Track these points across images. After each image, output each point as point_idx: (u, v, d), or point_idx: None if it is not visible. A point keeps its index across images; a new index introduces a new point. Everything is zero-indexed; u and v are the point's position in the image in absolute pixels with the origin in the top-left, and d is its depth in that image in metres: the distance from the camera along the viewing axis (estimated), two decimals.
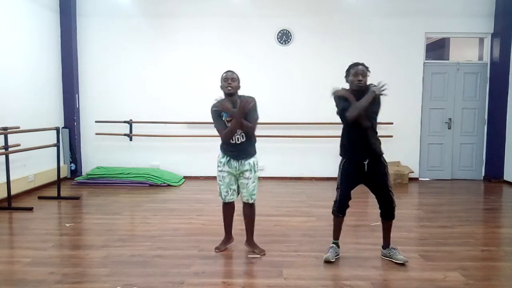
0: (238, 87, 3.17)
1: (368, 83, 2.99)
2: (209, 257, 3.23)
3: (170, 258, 3.20)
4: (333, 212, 3.22)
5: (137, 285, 2.71)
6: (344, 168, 3.15)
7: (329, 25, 6.59)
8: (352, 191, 3.17)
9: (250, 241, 3.39)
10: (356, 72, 2.93)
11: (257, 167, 3.30)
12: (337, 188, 3.20)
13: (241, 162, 3.21)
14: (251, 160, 3.24)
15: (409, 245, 3.52)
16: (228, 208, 3.39)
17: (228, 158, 3.23)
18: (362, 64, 2.97)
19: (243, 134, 3.17)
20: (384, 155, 3.12)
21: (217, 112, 3.17)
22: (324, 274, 2.94)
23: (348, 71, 3.01)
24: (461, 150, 6.86)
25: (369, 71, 2.98)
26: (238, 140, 3.18)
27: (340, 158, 3.21)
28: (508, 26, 6.42)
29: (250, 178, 3.24)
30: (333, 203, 3.21)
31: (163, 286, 2.70)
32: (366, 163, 3.04)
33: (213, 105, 3.18)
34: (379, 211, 3.16)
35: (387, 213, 3.13)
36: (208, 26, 6.61)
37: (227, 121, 3.16)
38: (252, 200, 3.30)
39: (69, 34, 6.44)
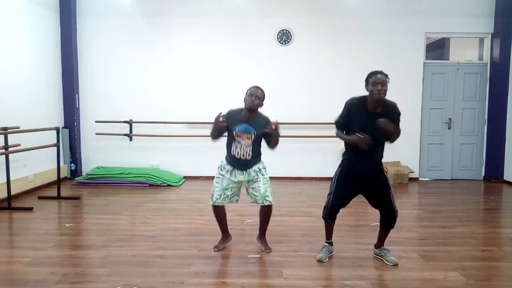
0: (261, 105, 3.22)
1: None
2: (209, 257, 3.23)
3: (170, 258, 3.20)
4: (323, 217, 3.19)
5: (137, 285, 2.71)
6: (341, 177, 3.08)
7: (329, 25, 6.59)
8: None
9: (260, 237, 3.42)
10: (375, 81, 2.81)
11: (264, 171, 3.29)
12: (330, 194, 3.13)
13: (246, 171, 3.23)
14: (256, 167, 3.25)
15: (409, 245, 3.53)
16: (218, 211, 3.36)
17: (232, 168, 3.24)
18: (381, 72, 2.85)
19: (250, 152, 3.18)
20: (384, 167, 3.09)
21: (228, 120, 3.18)
22: (324, 274, 2.94)
23: (367, 79, 2.90)
24: (461, 150, 6.86)
25: (389, 79, 2.85)
26: (243, 157, 3.19)
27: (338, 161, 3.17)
28: (508, 26, 6.43)
29: (260, 181, 3.23)
30: (323, 208, 3.17)
31: (163, 286, 2.70)
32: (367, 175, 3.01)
33: (229, 111, 3.25)
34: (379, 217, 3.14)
35: (389, 223, 3.10)
36: (208, 26, 6.61)
37: (237, 135, 3.17)
38: (267, 202, 3.24)
39: (69, 34, 6.43)
